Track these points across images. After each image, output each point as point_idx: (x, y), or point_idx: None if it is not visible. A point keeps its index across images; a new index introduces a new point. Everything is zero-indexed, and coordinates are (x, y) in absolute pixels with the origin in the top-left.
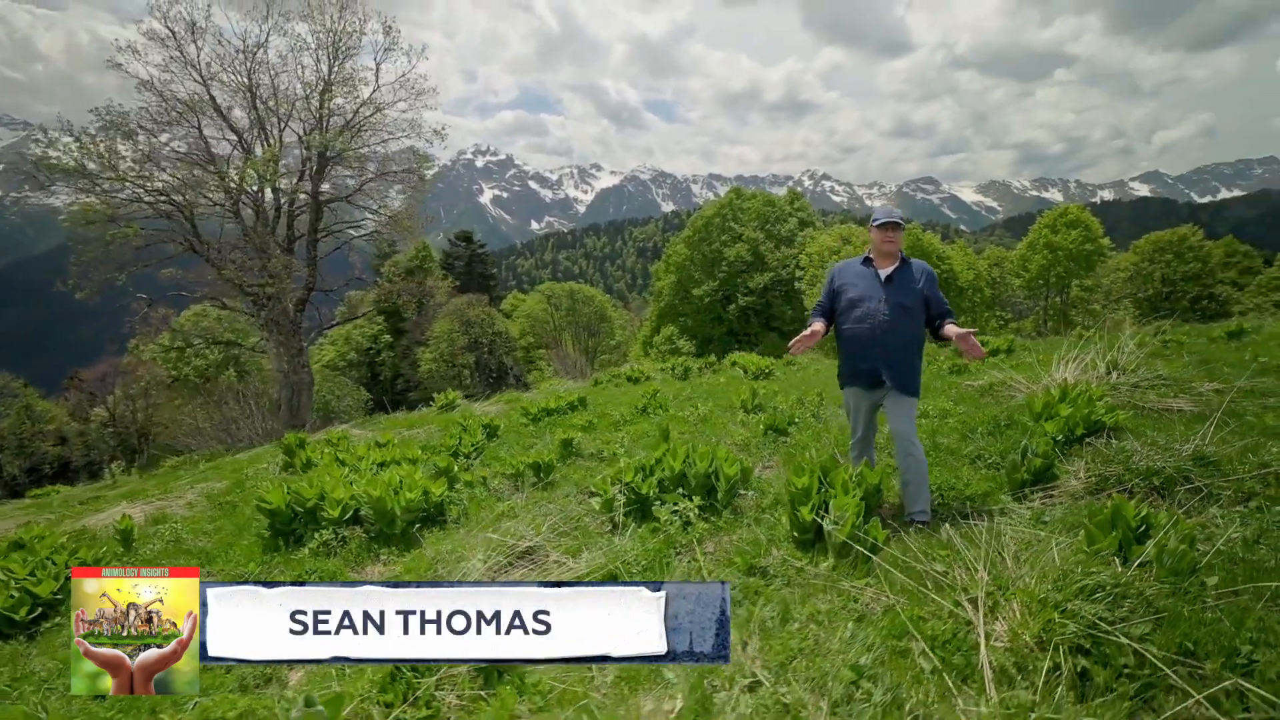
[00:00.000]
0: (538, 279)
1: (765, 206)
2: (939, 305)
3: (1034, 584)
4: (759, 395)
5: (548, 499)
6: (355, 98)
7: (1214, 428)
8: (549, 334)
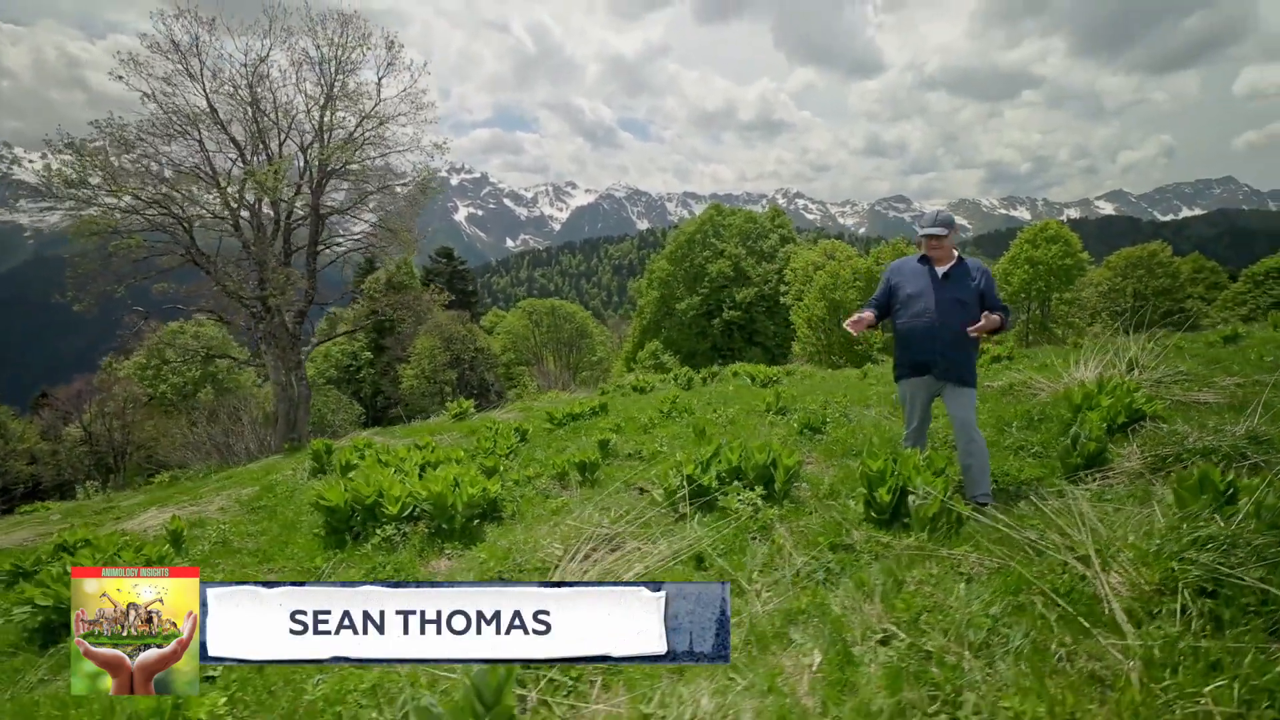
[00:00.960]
0: (513, 297)
1: (747, 223)
2: (992, 301)
3: (1140, 540)
4: (783, 398)
5: (597, 495)
6: (357, 112)
7: (1258, 413)
8: (530, 350)
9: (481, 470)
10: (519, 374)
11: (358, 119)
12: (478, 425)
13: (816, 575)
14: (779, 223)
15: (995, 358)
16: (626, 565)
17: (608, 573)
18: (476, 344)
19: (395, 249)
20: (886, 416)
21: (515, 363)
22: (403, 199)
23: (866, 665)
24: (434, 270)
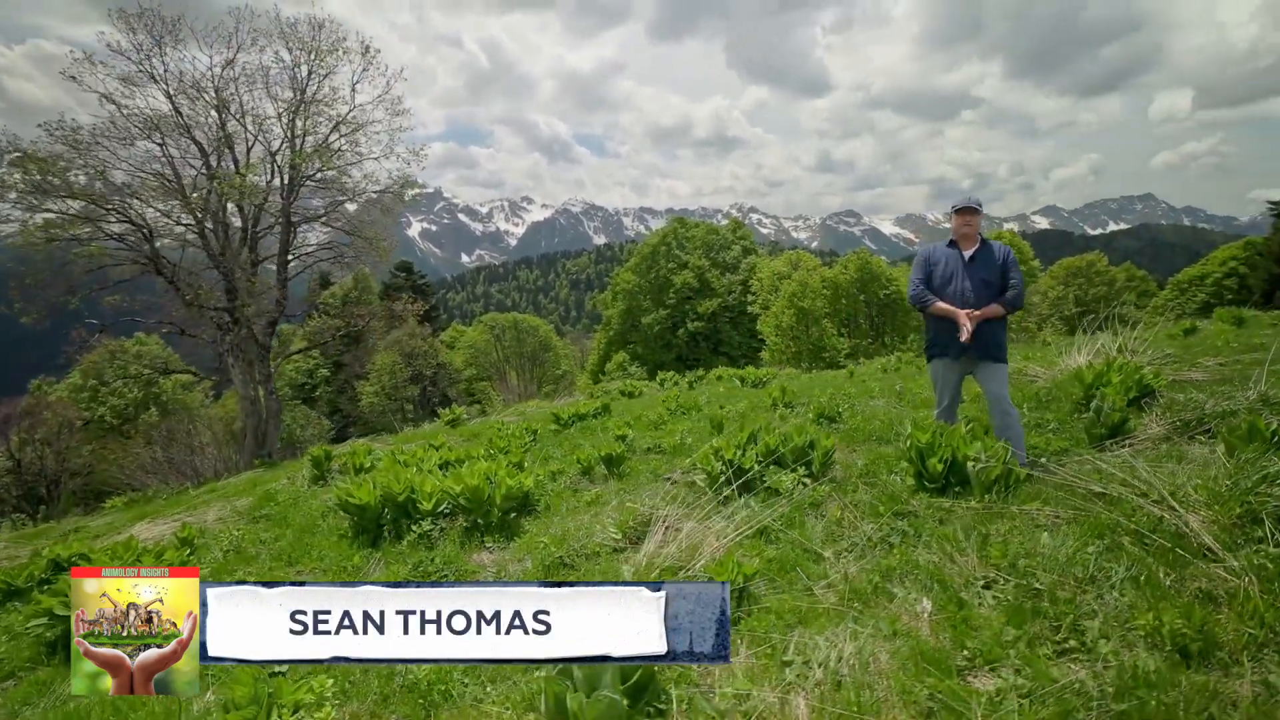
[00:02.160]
0: (470, 313)
1: (709, 235)
2: (1009, 278)
3: (1209, 483)
4: (788, 393)
5: (628, 486)
6: (331, 118)
7: (1263, 380)
8: (492, 365)
9: (509, 467)
10: (481, 389)
11: (331, 125)
12: (479, 429)
13: (891, 539)
14: (740, 234)
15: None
16: (694, 545)
17: (687, 549)
18: (438, 359)
19: (370, 257)
20: (894, 406)
21: (477, 378)
22: (378, 206)
23: (978, 607)
24: (393, 285)
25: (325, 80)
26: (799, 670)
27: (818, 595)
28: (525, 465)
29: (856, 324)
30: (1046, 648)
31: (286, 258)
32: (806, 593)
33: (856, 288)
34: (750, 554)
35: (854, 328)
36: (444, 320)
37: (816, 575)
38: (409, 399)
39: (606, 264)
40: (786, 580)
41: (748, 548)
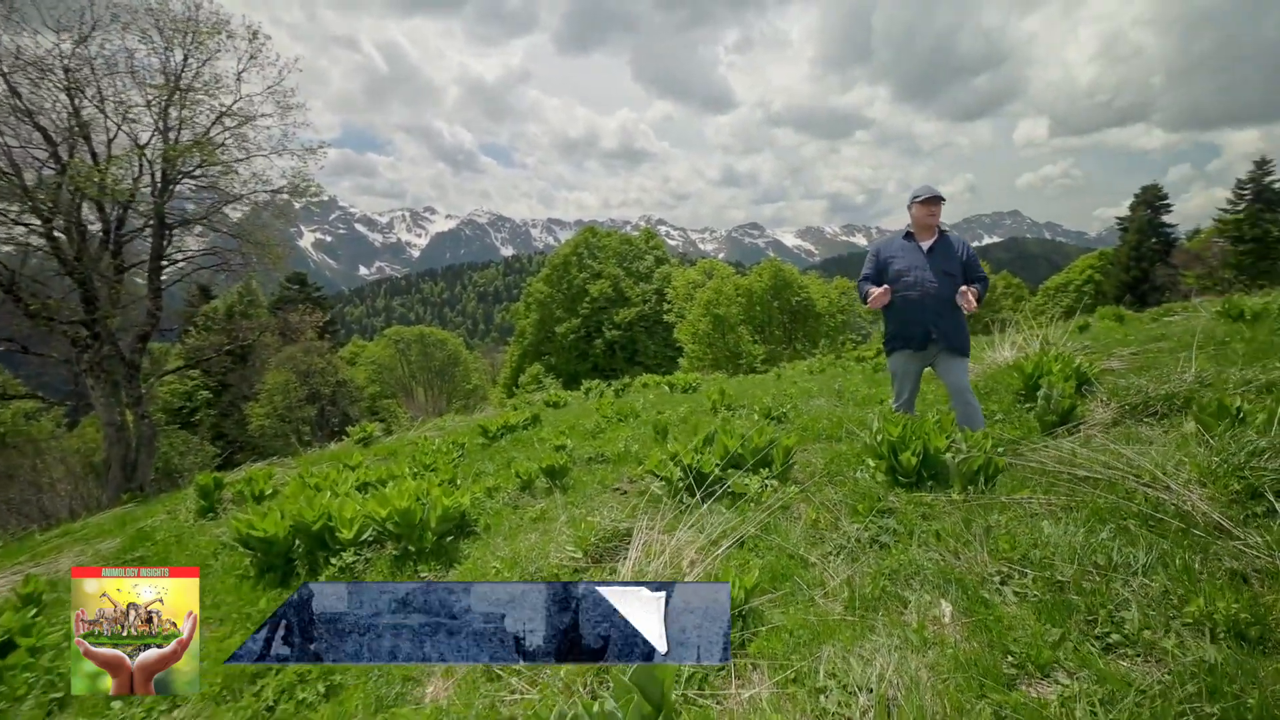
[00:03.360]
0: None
1: (622, 244)
2: (974, 272)
3: (1199, 460)
4: (727, 395)
5: (575, 500)
6: (213, 108)
7: (1194, 362)
8: (398, 381)
9: (442, 484)
10: (386, 407)
11: (213, 116)
12: (396, 446)
13: (881, 539)
14: (653, 244)
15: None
16: (676, 560)
17: (669, 566)
18: (337, 377)
19: (261, 265)
20: (836, 404)
21: (381, 396)
22: (271, 209)
23: (1003, 605)
24: (286, 298)
25: (205, 66)
26: (839, 698)
27: (822, 605)
28: (458, 482)
29: (770, 331)
30: (1092, 644)
31: (160, 264)
32: (810, 604)
33: (770, 295)
34: (734, 563)
35: (768, 334)
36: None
37: (812, 583)
38: (305, 420)
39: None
40: (783, 592)
41: (732, 558)
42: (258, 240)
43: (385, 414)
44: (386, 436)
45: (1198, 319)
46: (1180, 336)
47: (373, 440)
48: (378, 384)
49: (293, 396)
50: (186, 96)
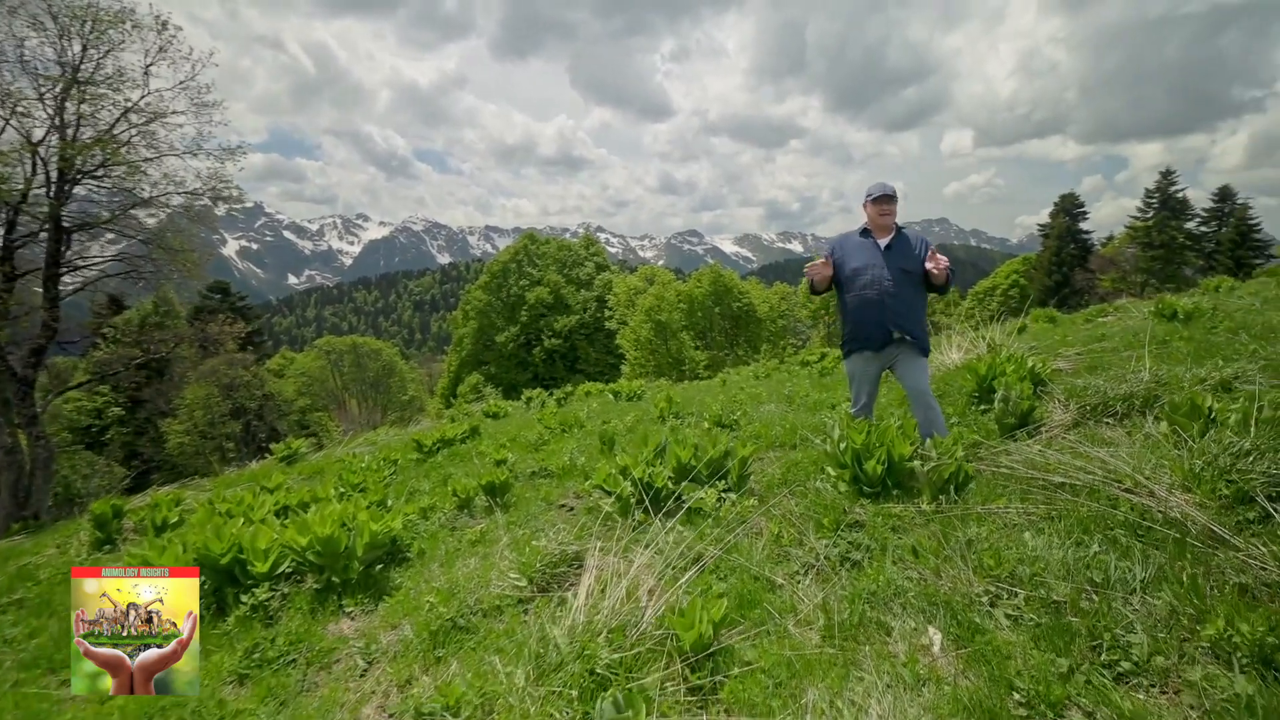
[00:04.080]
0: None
1: (562, 251)
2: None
3: (1181, 463)
4: (675, 403)
5: (518, 519)
6: (117, 103)
7: (1146, 364)
8: (329, 393)
9: (370, 507)
10: (317, 420)
11: (118, 112)
12: (323, 465)
13: (852, 556)
14: (593, 251)
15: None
16: (632, 587)
17: (626, 595)
18: (263, 390)
19: (176, 273)
20: (787, 410)
21: (312, 409)
22: (187, 213)
23: (997, 631)
24: (206, 308)
25: (108, 58)
26: None
27: (796, 636)
28: (390, 503)
29: (713, 336)
30: (1101, 673)
31: (57, 271)
32: (783, 635)
33: (711, 300)
34: (697, 590)
35: (710, 340)
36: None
37: (783, 609)
38: (229, 436)
39: (453, 284)
40: (753, 622)
41: (695, 585)
42: (169, 246)
43: (316, 427)
44: (314, 454)
45: (1131, 320)
46: (1120, 337)
47: (298, 458)
48: (308, 397)
49: (215, 412)
50: (86, 90)
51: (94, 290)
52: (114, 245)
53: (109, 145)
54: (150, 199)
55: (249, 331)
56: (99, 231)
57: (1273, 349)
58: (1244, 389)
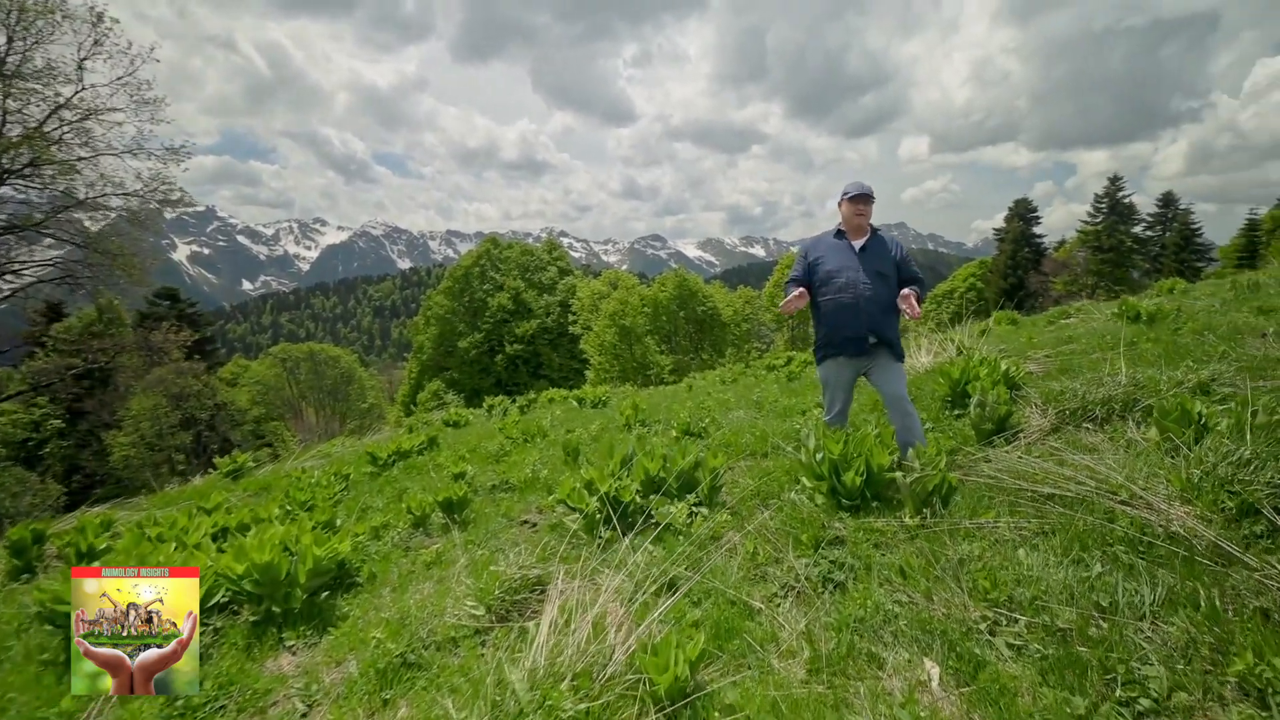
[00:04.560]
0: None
1: (524, 256)
2: (908, 271)
3: (1177, 473)
4: (641, 410)
5: (477, 537)
6: (49, 99)
7: (1123, 367)
8: (286, 402)
9: (316, 528)
10: (272, 430)
11: (49, 108)
12: (270, 480)
13: (834, 576)
14: (556, 255)
15: (779, 364)
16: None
17: (593, 630)
18: (216, 399)
19: (116, 279)
20: (756, 416)
21: (267, 418)
22: (128, 216)
23: (999, 663)
24: (153, 315)
25: (36, 51)
26: None
27: (779, 670)
28: (338, 523)
29: (677, 341)
30: (1119, 713)
31: None
32: (766, 670)
33: (676, 305)
34: (670, 619)
35: (675, 344)
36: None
37: (763, 638)
38: (178, 448)
39: (413, 289)
40: (730, 653)
41: (672, 613)
42: (108, 250)
43: (272, 437)
44: (262, 467)
45: (1094, 321)
46: (1087, 339)
47: (244, 472)
48: (263, 406)
49: (164, 423)
50: (13, 84)
51: (26, 297)
52: (56, 250)
53: (38, 143)
54: (86, 200)
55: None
56: (33, 235)
57: (1243, 350)
58: (1222, 390)
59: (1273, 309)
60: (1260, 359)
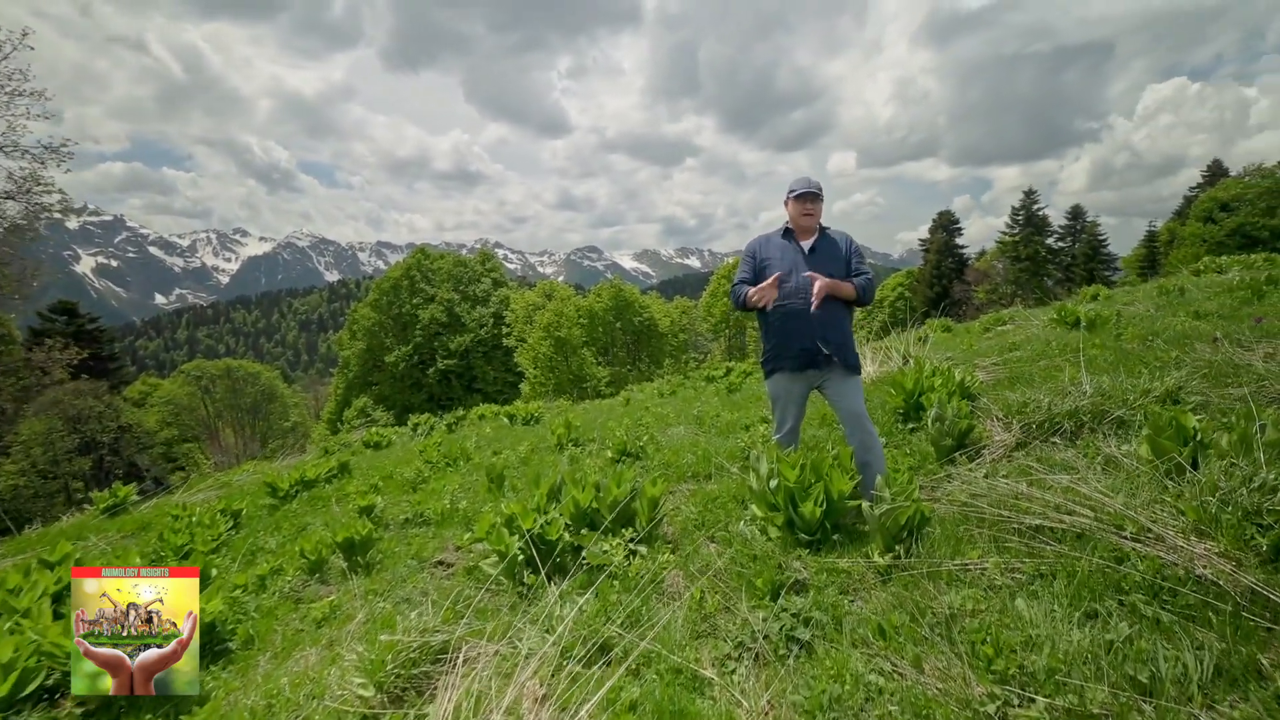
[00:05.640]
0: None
1: (457, 266)
2: (856, 268)
3: (1188, 501)
4: (574, 429)
5: (381, 585)
6: None
7: (1084, 374)
8: (201, 423)
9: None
10: (185, 452)
11: None
12: (151, 516)
13: (797, 634)
14: (490, 266)
15: (717, 375)
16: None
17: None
18: (119, 421)
19: None
20: (697, 433)
21: (179, 439)
22: None
23: None
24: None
25: None
26: None
27: None
28: (216, 572)
29: (614, 352)
30: None
31: None
32: None
33: (612, 315)
34: (605, 705)
35: (612, 356)
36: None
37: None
38: (76, 475)
39: (342, 302)
40: None
41: (594, 686)
42: None
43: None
44: (148, 500)
45: (1032, 328)
46: (1030, 346)
47: (124, 508)
48: (175, 427)
49: (59, 448)
50: None
51: None
52: None
53: None
54: None
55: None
56: None
57: (1196, 355)
58: (1192, 399)
59: (1208, 314)
60: (1218, 365)
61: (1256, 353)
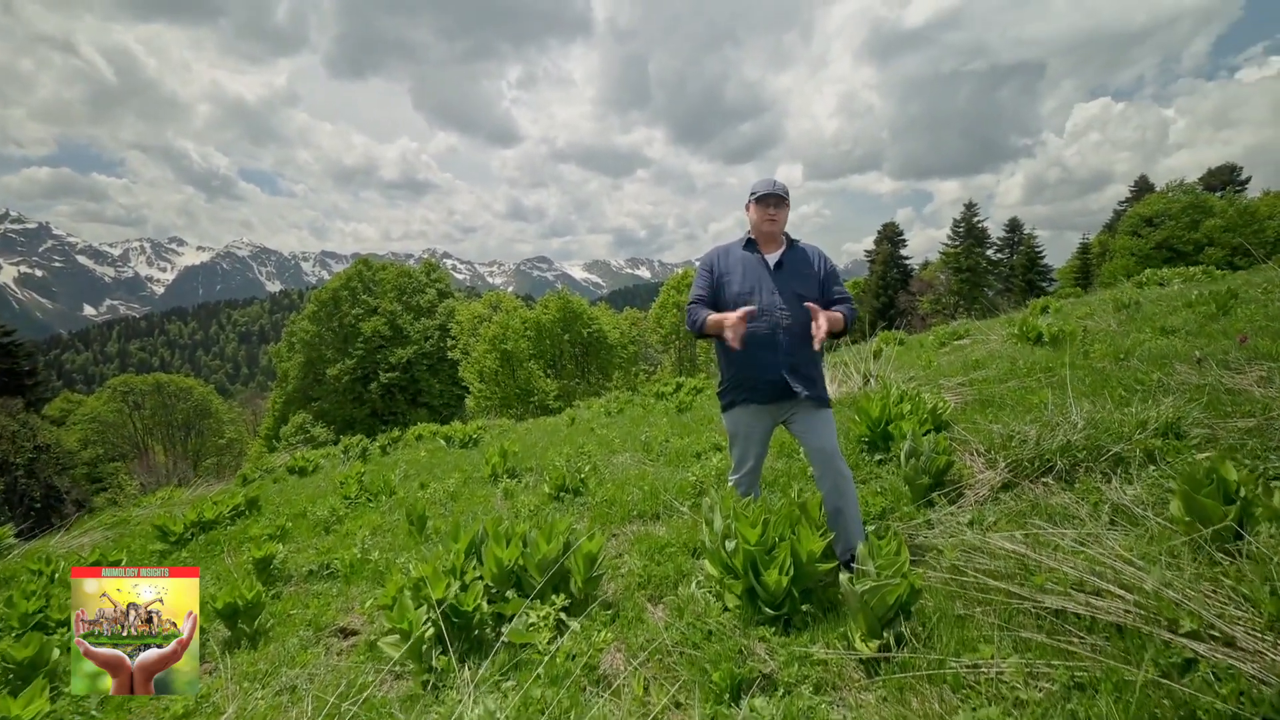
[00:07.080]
0: (99, 376)
1: (401, 277)
2: (834, 291)
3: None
4: (509, 458)
5: (264, 666)
6: None
7: (1071, 403)
8: (128, 441)
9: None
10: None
11: None
12: (16, 569)
13: None
14: (435, 277)
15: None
16: None
17: None
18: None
19: None
20: (644, 462)
21: (105, 459)
22: None
23: None
24: None
25: None
26: None
27: None
28: (55, 660)
29: (563, 365)
30: None
31: None
32: None
33: (560, 327)
34: None
35: (560, 368)
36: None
37: None
38: None
39: (284, 313)
40: None
41: None
42: None
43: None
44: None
45: (991, 343)
46: (994, 363)
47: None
48: (100, 446)
49: None
50: None
51: None
52: None
53: None
54: None
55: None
56: None
57: (1181, 378)
58: (1196, 433)
59: (1174, 329)
60: (1209, 389)
61: (1248, 376)
